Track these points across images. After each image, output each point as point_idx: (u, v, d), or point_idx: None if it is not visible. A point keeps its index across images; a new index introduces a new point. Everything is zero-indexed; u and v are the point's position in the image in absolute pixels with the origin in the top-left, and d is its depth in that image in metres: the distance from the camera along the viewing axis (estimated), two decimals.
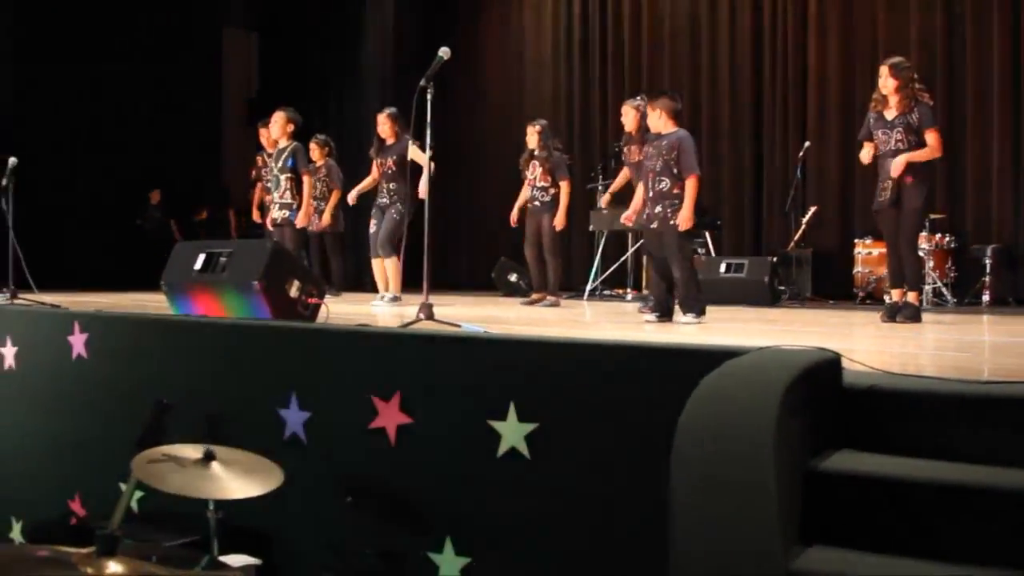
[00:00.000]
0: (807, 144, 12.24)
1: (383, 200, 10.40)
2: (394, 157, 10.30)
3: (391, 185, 10.33)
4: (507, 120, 16.10)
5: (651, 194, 7.70)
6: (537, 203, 10.29)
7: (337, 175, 11.80)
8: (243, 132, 17.56)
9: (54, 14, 15.09)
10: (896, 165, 7.62)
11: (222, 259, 6.32)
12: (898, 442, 3.48)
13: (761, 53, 13.69)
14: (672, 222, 7.54)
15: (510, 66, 16.34)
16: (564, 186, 10.17)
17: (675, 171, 7.61)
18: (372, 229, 10.41)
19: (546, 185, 10.22)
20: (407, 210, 10.19)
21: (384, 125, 10.40)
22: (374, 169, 10.51)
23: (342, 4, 16.87)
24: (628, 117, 9.70)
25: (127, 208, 16.07)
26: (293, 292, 6.12)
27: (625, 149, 9.84)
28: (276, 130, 9.92)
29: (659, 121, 7.80)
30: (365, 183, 10.71)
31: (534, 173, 10.31)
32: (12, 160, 8.34)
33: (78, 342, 6.01)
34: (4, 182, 8.33)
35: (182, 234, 15.33)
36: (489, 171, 15.54)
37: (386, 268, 10.24)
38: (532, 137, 10.34)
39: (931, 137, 7.67)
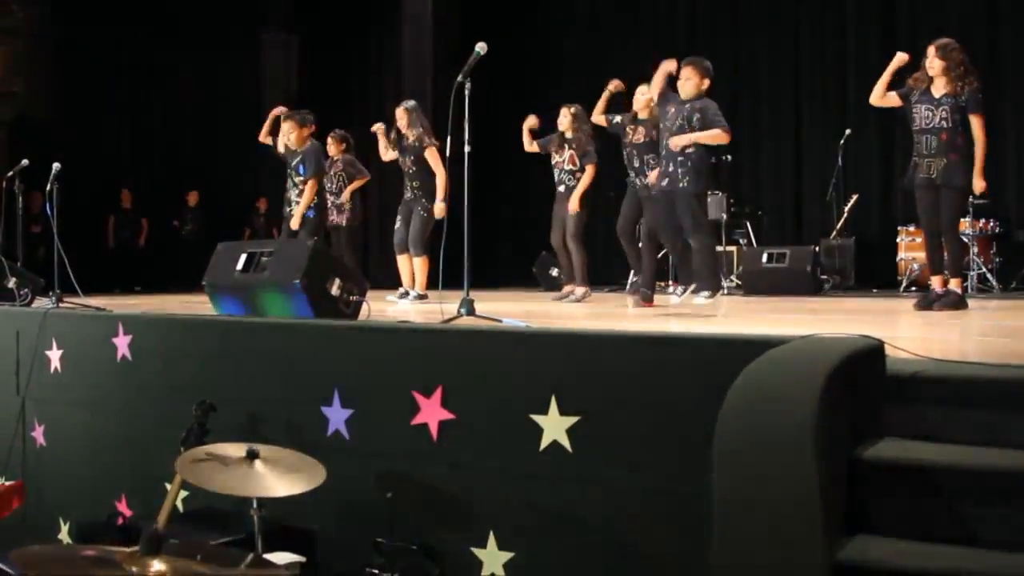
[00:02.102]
0: (847, 131, 12.14)
1: (408, 196, 10.28)
2: (411, 157, 10.20)
3: (415, 183, 10.20)
4: (547, 114, 16.07)
5: (664, 152, 7.61)
6: (563, 188, 10.13)
7: (355, 167, 11.36)
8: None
9: (95, 19, 15.23)
10: (979, 186, 7.56)
11: (263, 259, 6.34)
12: (943, 429, 3.43)
13: (799, 40, 13.60)
14: (683, 184, 7.44)
15: (549, 59, 16.31)
16: (589, 170, 9.99)
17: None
18: (397, 225, 10.29)
19: (574, 169, 10.07)
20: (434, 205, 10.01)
21: (402, 119, 10.27)
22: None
23: (380, 4, 16.89)
24: (642, 99, 9.48)
25: (167, 211, 16.24)
26: (335, 290, 6.12)
27: (629, 128, 9.56)
28: (293, 140, 9.56)
29: (689, 84, 7.66)
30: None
31: (562, 156, 10.16)
32: (56, 165, 8.39)
33: (122, 344, 6.06)
34: (48, 187, 8.39)
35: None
36: (529, 165, 15.50)
37: (414, 266, 10.12)
38: (564, 119, 10.19)
39: (977, 122, 7.51)
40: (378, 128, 10.57)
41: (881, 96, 7.78)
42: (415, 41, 16.46)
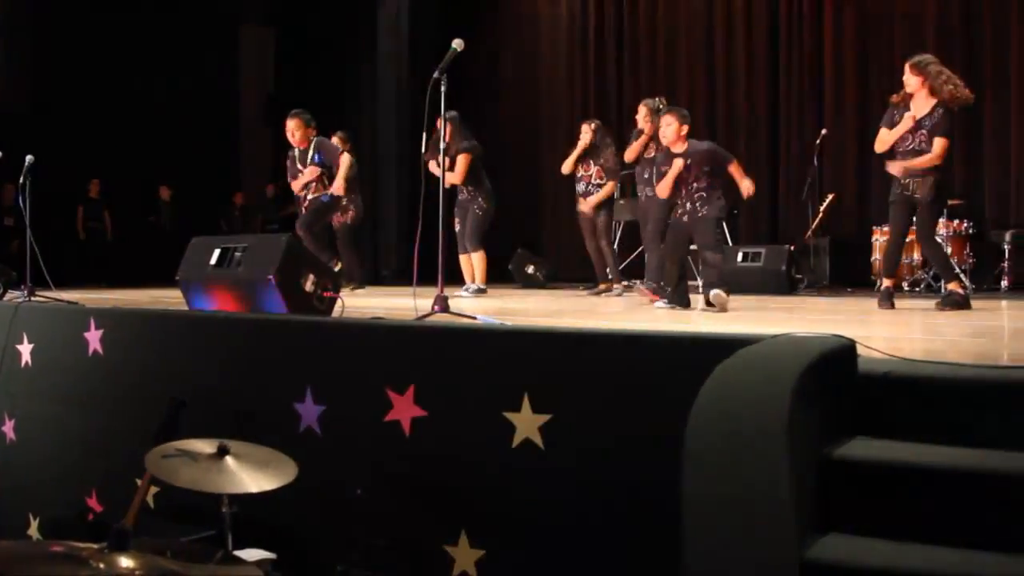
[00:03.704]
0: (823, 131, 12.17)
1: (463, 197, 10.85)
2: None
3: (468, 186, 10.75)
4: (521, 112, 16.10)
5: (686, 194, 7.83)
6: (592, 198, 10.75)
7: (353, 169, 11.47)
8: (260, 128, 17.63)
9: (72, 12, 15.15)
10: (896, 168, 7.74)
11: (237, 254, 6.30)
12: (914, 428, 3.44)
13: (777, 40, 13.63)
14: (701, 214, 7.70)
15: (525, 58, 16.31)
16: (610, 187, 10.73)
17: (707, 171, 7.79)
18: (457, 228, 10.82)
19: (601, 182, 10.70)
20: (490, 204, 10.80)
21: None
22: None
23: None
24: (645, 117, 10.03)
25: (143, 205, 16.20)
26: (308, 286, 6.10)
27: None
28: (297, 139, 9.82)
29: (679, 137, 7.88)
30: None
31: (589, 171, 10.73)
32: (29, 158, 8.33)
33: (94, 338, 6.02)
34: (21, 180, 8.33)
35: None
36: (504, 163, 15.52)
37: (472, 261, 10.78)
38: (587, 136, 10.72)
39: (937, 144, 7.58)
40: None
41: (883, 146, 7.95)
42: (392, 36, 16.44)
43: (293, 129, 9.87)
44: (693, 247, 7.99)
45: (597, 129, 10.78)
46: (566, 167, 10.90)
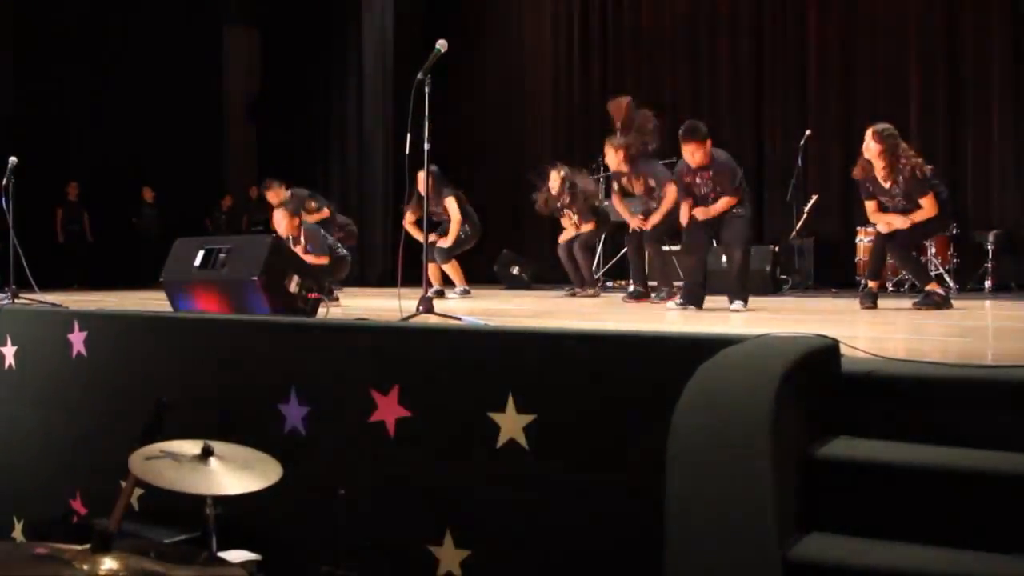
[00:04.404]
0: (808, 132, 12.20)
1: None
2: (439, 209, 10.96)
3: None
4: (506, 113, 16.10)
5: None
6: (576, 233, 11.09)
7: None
8: (244, 129, 17.60)
9: (54, 12, 15.10)
10: (890, 224, 7.89)
11: (221, 255, 6.30)
12: (897, 428, 3.45)
13: (761, 40, 13.66)
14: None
15: (509, 58, 16.31)
16: (591, 225, 11.02)
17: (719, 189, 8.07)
18: (433, 237, 10.94)
19: (590, 231, 11.05)
20: (475, 232, 11.30)
21: (421, 183, 10.45)
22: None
23: None
24: (613, 156, 9.98)
25: (126, 207, 16.15)
26: (292, 287, 6.11)
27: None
28: (283, 229, 9.73)
29: (700, 153, 8.05)
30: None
31: (572, 219, 11.08)
32: (12, 159, 8.32)
33: (77, 340, 6.01)
34: (4, 181, 8.31)
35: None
36: (488, 164, 15.53)
37: (446, 269, 11.11)
38: (555, 185, 11.01)
39: (927, 202, 7.75)
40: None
41: (885, 227, 8.06)
42: (377, 36, 16.41)
43: (279, 220, 9.82)
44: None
45: (565, 179, 10.95)
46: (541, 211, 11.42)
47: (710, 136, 8.16)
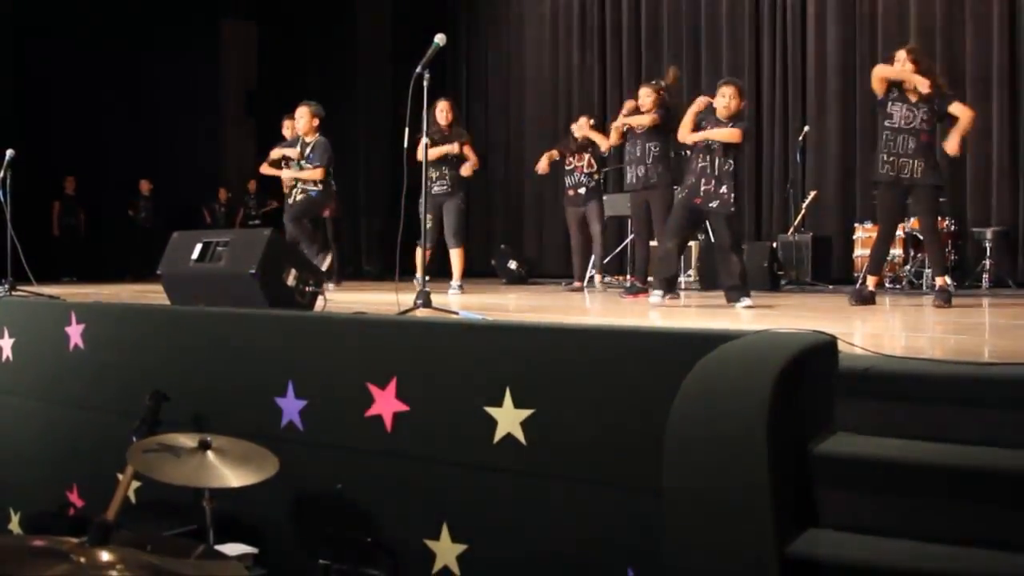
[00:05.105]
0: (806, 128, 12.20)
1: (439, 190, 10.36)
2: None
3: (448, 179, 10.37)
4: (504, 108, 16.10)
5: (716, 173, 7.85)
6: (583, 190, 11.00)
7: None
8: (242, 122, 17.59)
9: (52, 5, 15.08)
10: (953, 146, 7.61)
11: (219, 248, 6.29)
12: (895, 425, 3.45)
13: (760, 36, 13.65)
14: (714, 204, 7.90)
15: (509, 53, 16.31)
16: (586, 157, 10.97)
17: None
18: (429, 224, 10.43)
19: (592, 171, 10.93)
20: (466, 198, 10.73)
21: (442, 112, 10.34)
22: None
23: None
24: (649, 100, 9.81)
25: (123, 200, 16.15)
26: (290, 281, 6.10)
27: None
28: (303, 125, 9.91)
29: (732, 104, 7.82)
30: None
31: (581, 161, 10.91)
32: (10, 152, 8.31)
33: (75, 333, 6.01)
34: (1, 174, 8.30)
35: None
36: (487, 160, 15.52)
37: (456, 256, 10.48)
38: (583, 129, 10.98)
39: (958, 106, 7.65)
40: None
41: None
42: (374, 31, 16.41)
43: (301, 115, 9.91)
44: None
45: (593, 127, 11.01)
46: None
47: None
